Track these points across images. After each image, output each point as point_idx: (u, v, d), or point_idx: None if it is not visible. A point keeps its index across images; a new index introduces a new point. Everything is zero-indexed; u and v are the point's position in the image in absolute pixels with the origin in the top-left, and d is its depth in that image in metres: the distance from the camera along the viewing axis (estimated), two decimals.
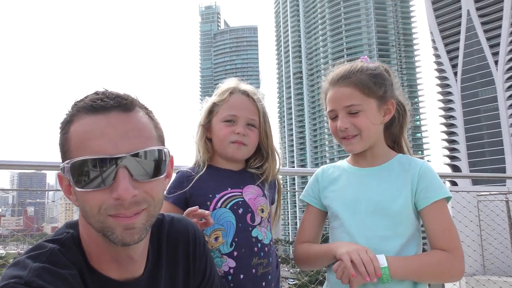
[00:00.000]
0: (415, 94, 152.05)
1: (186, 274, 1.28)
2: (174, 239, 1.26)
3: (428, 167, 1.65)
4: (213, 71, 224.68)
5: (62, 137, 1.01)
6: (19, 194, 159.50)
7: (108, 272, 1.06)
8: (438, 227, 1.56)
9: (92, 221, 1.00)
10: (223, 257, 1.61)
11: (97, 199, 0.98)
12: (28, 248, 1.03)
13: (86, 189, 0.98)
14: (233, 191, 1.70)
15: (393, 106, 1.70)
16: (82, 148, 0.97)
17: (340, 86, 1.66)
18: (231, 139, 1.71)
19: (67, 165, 0.98)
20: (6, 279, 0.89)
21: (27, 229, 35.08)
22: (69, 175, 0.98)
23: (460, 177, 5.71)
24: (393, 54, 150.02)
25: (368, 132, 1.65)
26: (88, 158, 0.96)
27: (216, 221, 1.63)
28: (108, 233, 0.99)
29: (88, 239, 1.06)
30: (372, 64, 1.73)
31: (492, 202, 5.96)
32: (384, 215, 1.59)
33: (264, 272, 1.65)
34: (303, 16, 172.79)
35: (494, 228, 5.84)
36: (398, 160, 1.71)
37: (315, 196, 1.81)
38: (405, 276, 1.50)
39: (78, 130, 0.99)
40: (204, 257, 1.35)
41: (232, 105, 1.74)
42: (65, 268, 0.96)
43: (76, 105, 1.01)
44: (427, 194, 1.58)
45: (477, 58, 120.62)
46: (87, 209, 1.00)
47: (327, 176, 1.81)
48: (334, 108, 1.68)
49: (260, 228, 1.69)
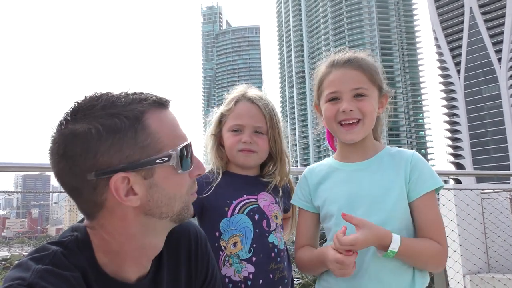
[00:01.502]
0: (418, 92, 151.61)
1: (188, 275, 1.28)
2: (175, 240, 1.26)
3: (419, 157, 1.65)
4: (216, 72, 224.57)
5: (139, 132, 1.00)
6: (23, 196, 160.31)
7: (117, 274, 1.07)
8: (428, 218, 1.56)
9: (176, 204, 1.07)
10: (242, 263, 1.63)
11: (187, 180, 1.09)
12: (32, 250, 1.03)
13: (186, 171, 1.07)
14: (249, 197, 1.73)
15: (386, 99, 1.71)
16: (174, 136, 1.06)
17: (347, 68, 1.63)
18: (238, 147, 1.74)
19: (173, 152, 1.03)
20: (9, 281, 0.90)
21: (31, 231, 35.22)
22: (176, 160, 1.04)
23: (464, 175, 5.73)
24: (396, 53, 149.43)
25: (370, 119, 1.63)
26: (189, 142, 1.07)
27: (234, 227, 1.66)
28: (184, 211, 1.10)
29: (107, 243, 1.05)
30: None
31: (496, 200, 5.95)
32: (379, 209, 1.57)
33: (281, 277, 1.69)
34: (305, 16, 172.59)
35: (498, 226, 5.84)
36: (387, 152, 1.69)
37: (306, 200, 1.77)
38: (405, 256, 1.49)
39: (164, 121, 1.05)
40: (206, 258, 1.36)
41: (237, 114, 1.76)
42: (68, 270, 0.97)
43: (142, 102, 1.03)
44: (418, 186, 1.57)
45: (480, 55, 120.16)
46: (176, 193, 1.06)
47: (315, 175, 1.77)
48: (338, 90, 1.62)
49: (275, 234, 1.72)
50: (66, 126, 0.99)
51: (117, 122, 0.98)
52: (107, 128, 0.97)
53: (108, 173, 0.98)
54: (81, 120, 0.98)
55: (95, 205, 1.02)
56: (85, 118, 0.99)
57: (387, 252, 1.45)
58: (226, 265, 1.65)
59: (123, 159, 0.99)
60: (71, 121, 0.99)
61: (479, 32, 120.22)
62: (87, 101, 1.02)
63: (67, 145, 0.98)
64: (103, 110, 0.99)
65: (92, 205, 1.02)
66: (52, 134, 1.01)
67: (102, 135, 0.97)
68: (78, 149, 0.97)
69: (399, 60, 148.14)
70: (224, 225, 1.68)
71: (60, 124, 1.01)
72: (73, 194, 1.03)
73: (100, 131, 0.97)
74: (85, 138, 0.96)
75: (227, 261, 1.65)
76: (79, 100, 1.03)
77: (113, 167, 0.98)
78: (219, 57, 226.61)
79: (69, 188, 1.02)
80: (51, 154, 1.01)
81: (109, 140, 0.97)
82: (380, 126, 1.81)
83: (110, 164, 0.98)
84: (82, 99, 1.03)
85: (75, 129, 0.97)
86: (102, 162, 0.97)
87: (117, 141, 0.98)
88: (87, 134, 0.96)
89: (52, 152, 1.00)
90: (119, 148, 0.98)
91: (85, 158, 0.97)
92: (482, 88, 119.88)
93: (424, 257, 1.53)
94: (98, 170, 0.97)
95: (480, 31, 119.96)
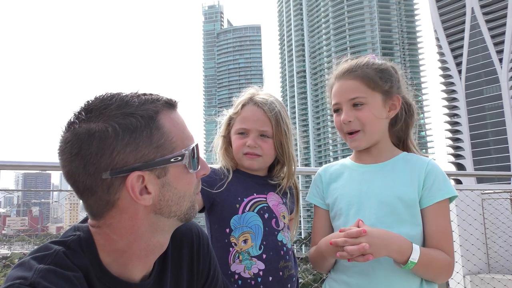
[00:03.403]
0: (419, 92, 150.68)
1: (190, 276, 1.29)
2: (178, 240, 1.27)
3: (434, 165, 1.63)
4: (217, 71, 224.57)
5: (154, 131, 1.02)
6: (24, 194, 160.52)
7: (122, 274, 1.07)
8: (438, 228, 1.55)
9: (185, 203, 1.09)
10: (253, 260, 1.65)
11: (195, 180, 1.12)
12: (33, 249, 1.03)
13: (195, 171, 1.10)
14: (259, 196, 1.76)
15: (398, 101, 1.68)
16: (184, 137, 1.08)
17: (345, 79, 1.67)
18: (243, 151, 1.76)
19: (186, 152, 1.06)
20: (11, 280, 0.90)
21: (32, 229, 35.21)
22: (189, 159, 1.07)
23: (464, 175, 5.72)
24: (397, 53, 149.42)
25: (372, 127, 1.63)
26: (197, 143, 1.10)
27: (245, 224, 1.69)
28: (191, 210, 1.12)
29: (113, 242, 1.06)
30: (379, 61, 1.73)
31: (497, 201, 5.96)
32: (388, 212, 1.57)
33: (289, 275, 1.71)
34: (307, 15, 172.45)
35: (499, 227, 5.84)
36: (403, 157, 1.69)
37: (320, 197, 1.80)
38: (422, 268, 1.46)
39: (175, 121, 1.07)
40: (208, 258, 1.36)
41: (243, 118, 1.79)
42: (70, 270, 0.97)
43: (155, 103, 1.05)
44: (431, 193, 1.56)
45: (482, 56, 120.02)
46: (186, 192, 1.09)
47: (330, 174, 1.80)
48: (339, 101, 1.67)
49: (283, 233, 1.74)
50: (80, 125, 0.98)
51: (133, 121, 0.99)
52: (123, 127, 0.98)
53: (124, 172, 0.98)
54: (96, 119, 0.99)
55: (106, 204, 1.01)
56: (100, 116, 0.99)
57: (408, 264, 1.43)
58: (236, 261, 1.65)
59: (139, 158, 0.99)
60: (85, 120, 0.99)
61: (481, 32, 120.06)
62: (100, 100, 1.02)
63: (83, 144, 0.97)
64: (119, 109, 1.00)
65: (103, 204, 1.02)
66: (62, 134, 1.01)
67: (118, 134, 0.97)
68: (94, 148, 0.96)
69: (400, 60, 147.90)
70: (235, 221, 1.69)
71: (73, 123, 1.00)
72: (85, 193, 1.02)
73: (116, 129, 0.97)
74: (102, 136, 0.96)
75: (237, 258, 1.66)
76: (91, 100, 1.04)
77: (129, 165, 0.99)
78: (220, 56, 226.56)
79: (81, 187, 1.01)
80: (63, 153, 1.00)
81: (125, 139, 0.98)
82: (408, 129, 1.79)
83: (126, 162, 0.98)
84: (94, 99, 1.04)
85: (91, 128, 0.97)
86: (118, 160, 0.98)
87: (133, 140, 0.99)
88: (104, 133, 0.97)
89: (64, 151, 1.00)
90: (135, 147, 0.99)
91: (101, 157, 0.97)
92: (483, 88, 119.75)
93: (437, 269, 1.51)
94: (114, 169, 0.98)
95: (482, 31, 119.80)
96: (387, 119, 1.69)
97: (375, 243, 1.39)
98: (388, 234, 1.45)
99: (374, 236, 1.40)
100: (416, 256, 1.43)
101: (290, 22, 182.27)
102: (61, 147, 1.00)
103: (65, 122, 1.02)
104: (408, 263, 1.42)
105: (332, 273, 1.70)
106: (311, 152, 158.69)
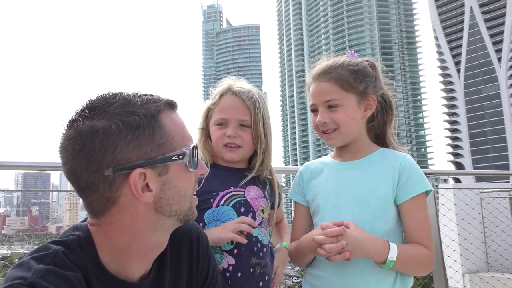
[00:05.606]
0: (418, 91, 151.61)
1: (189, 276, 1.29)
2: (178, 240, 1.27)
3: (409, 160, 1.65)
4: (216, 70, 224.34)
5: (156, 130, 1.04)
6: (24, 194, 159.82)
7: (120, 273, 1.08)
8: (416, 222, 1.57)
9: (185, 203, 1.11)
10: (223, 254, 1.62)
11: (193, 179, 1.13)
12: (33, 249, 1.03)
13: (195, 170, 1.11)
14: (236, 190, 1.72)
15: (374, 101, 1.69)
16: (184, 137, 1.10)
17: (320, 81, 1.69)
18: (223, 142, 1.73)
19: (187, 151, 1.08)
20: (10, 280, 0.90)
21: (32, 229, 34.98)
22: (189, 158, 1.08)
23: (463, 174, 5.72)
24: (396, 52, 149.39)
25: (347, 127, 1.65)
26: (195, 144, 1.12)
27: (218, 218, 1.66)
28: (190, 212, 1.13)
29: (113, 241, 1.06)
30: (355, 60, 1.72)
31: (495, 199, 5.97)
32: (363, 208, 1.59)
33: (262, 272, 1.66)
34: (306, 14, 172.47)
35: (497, 225, 5.85)
36: (380, 153, 1.71)
37: (300, 193, 1.82)
38: (401, 264, 1.50)
39: (175, 121, 1.09)
40: (207, 258, 1.36)
41: (222, 108, 1.75)
42: (69, 270, 0.97)
43: (157, 102, 1.07)
44: (406, 189, 1.58)
45: (480, 55, 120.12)
46: (186, 191, 1.10)
47: (311, 171, 1.82)
48: (315, 103, 1.70)
49: (260, 229, 1.70)
50: (83, 122, 0.99)
51: (136, 119, 1.01)
52: (127, 124, 0.99)
53: (126, 169, 0.99)
54: (99, 117, 1.00)
55: (107, 201, 1.02)
56: (104, 114, 1.00)
57: (386, 263, 1.46)
58: None
59: (141, 155, 1.01)
60: (89, 118, 1.00)
61: (479, 31, 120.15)
62: (103, 99, 1.03)
63: (86, 141, 0.98)
64: (122, 107, 1.01)
65: (104, 202, 1.02)
66: (64, 132, 1.01)
67: (122, 131, 0.98)
68: (97, 145, 0.97)
69: (399, 60, 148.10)
70: (209, 215, 1.66)
71: (76, 121, 1.01)
72: (86, 190, 1.02)
73: (120, 127, 0.98)
74: (105, 133, 0.98)
75: None
76: (93, 99, 1.05)
77: (132, 163, 1.00)
78: (219, 56, 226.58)
79: (82, 184, 1.01)
80: (65, 151, 1.00)
81: (128, 137, 0.99)
82: (387, 125, 1.79)
83: (128, 160, 0.99)
84: (96, 98, 1.05)
85: (94, 125, 0.98)
86: (121, 158, 0.99)
87: (135, 137, 1.00)
88: (107, 130, 0.98)
89: (67, 148, 1.00)
90: (138, 145, 1.00)
91: (104, 154, 0.98)
92: (482, 87, 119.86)
93: (416, 264, 1.54)
94: (116, 166, 0.98)
95: (480, 30, 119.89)
96: (363, 118, 1.71)
97: (351, 244, 1.43)
98: (365, 236, 1.46)
99: (351, 237, 1.43)
100: (394, 254, 1.46)
101: (289, 22, 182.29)
102: (63, 144, 1.01)
103: (67, 121, 1.02)
104: (387, 262, 1.45)
105: (310, 268, 1.72)
106: (310, 152, 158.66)
